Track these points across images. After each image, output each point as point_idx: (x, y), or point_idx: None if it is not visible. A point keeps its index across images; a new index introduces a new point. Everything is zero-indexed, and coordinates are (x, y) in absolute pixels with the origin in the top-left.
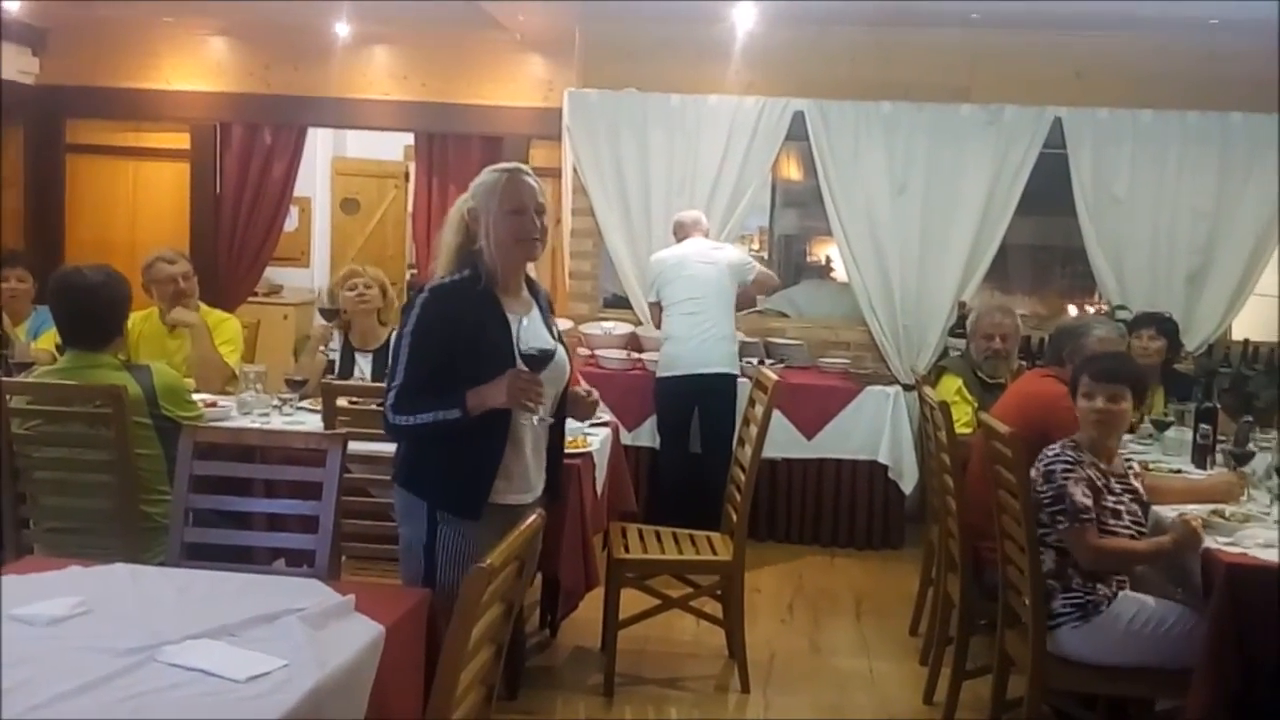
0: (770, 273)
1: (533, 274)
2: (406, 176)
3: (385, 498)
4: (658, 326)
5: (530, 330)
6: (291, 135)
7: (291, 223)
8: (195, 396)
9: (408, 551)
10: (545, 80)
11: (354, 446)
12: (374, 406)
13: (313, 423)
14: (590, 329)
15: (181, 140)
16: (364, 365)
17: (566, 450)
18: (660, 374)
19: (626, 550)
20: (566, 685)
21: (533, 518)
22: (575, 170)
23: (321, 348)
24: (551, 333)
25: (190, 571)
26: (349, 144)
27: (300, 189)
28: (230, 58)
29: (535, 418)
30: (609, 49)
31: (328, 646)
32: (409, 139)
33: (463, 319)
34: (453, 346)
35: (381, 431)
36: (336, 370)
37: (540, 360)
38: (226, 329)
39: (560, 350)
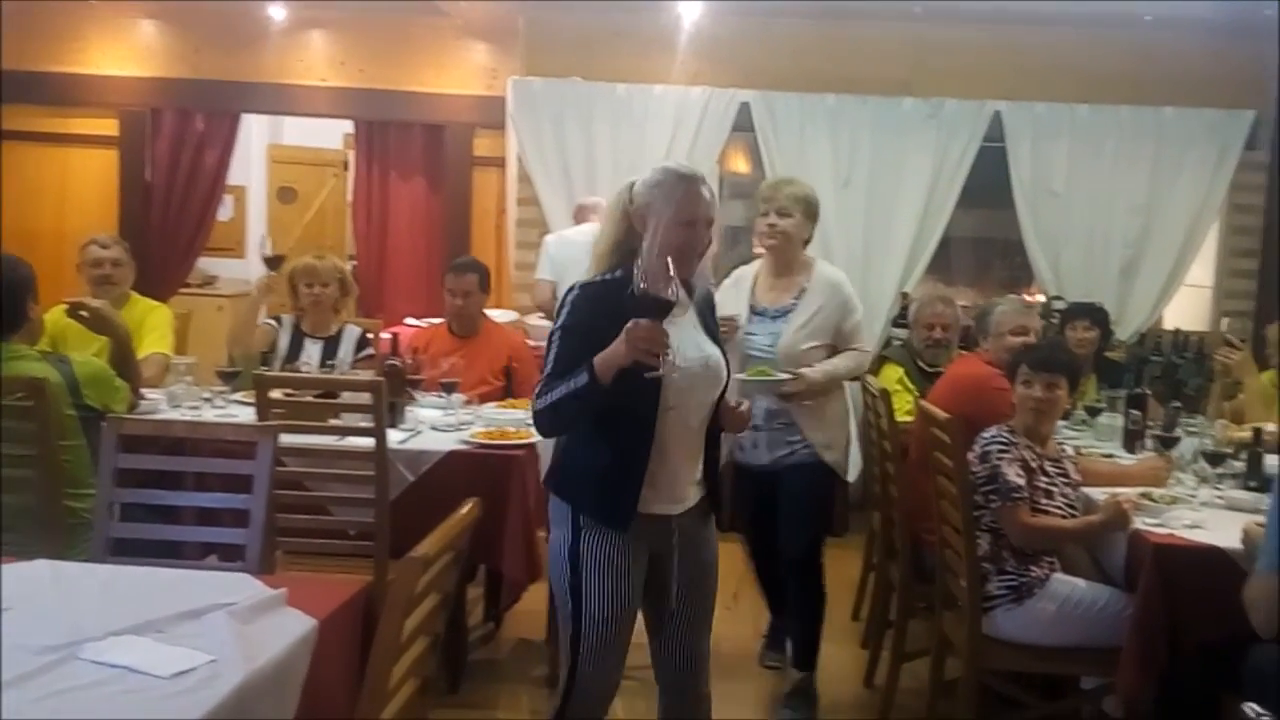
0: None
1: (709, 273)
2: (346, 165)
3: (322, 491)
4: (542, 305)
5: (678, 337)
6: (225, 122)
7: (226, 212)
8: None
9: (555, 555)
10: (489, 68)
11: (290, 439)
12: (309, 398)
13: (246, 416)
14: (534, 321)
15: (110, 126)
16: (314, 351)
17: (509, 440)
18: None
19: None
20: (510, 677)
21: (469, 506)
22: (519, 160)
23: (270, 321)
24: (713, 338)
25: (115, 567)
26: (286, 131)
27: (235, 177)
28: (160, 41)
29: (661, 371)
30: (553, 37)
31: (257, 642)
32: (348, 126)
33: (605, 318)
34: (596, 346)
35: (318, 424)
36: (284, 352)
37: (659, 304)
38: (156, 318)
39: (716, 355)
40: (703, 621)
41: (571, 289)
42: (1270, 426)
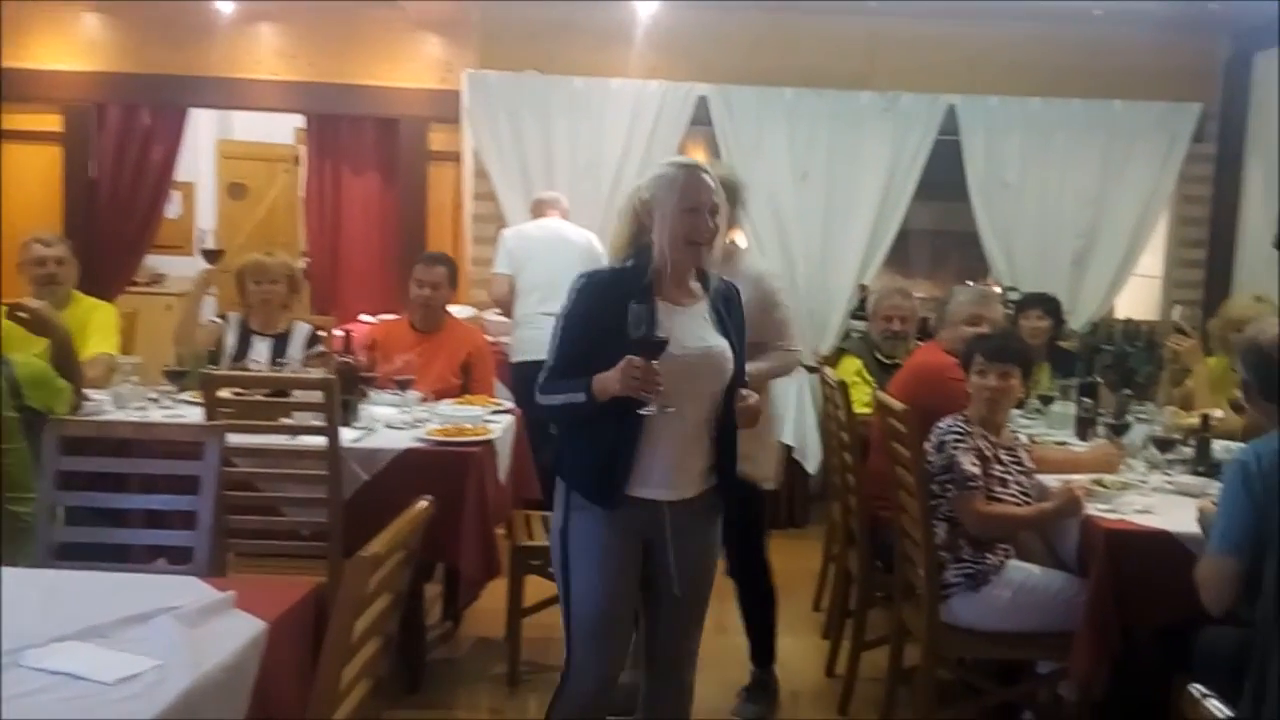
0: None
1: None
2: (297, 160)
3: (274, 491)
4: (499, 300)
5: (682, 326)
6: (172, 117)
7: (174, 209)
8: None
9: (552, 535)
10: (443, 61)
11: (240, 439)
12: (259, 397)
13: (195, 416)
14: (492, 317)
15: (54, 122)
16: (262, 349)
17: (465, 437)
18: (515, 359)
19: (530, 537)
20: (469, 676)
21: (421, 504)
22: (475, 154)
23: (216, 319)
24: (723, 330)
25: (58, 572)
26: (235, 126)
27: (183, 174)
28: (105, 35)
29: (651, 409)
30: (508, 30)
31: (204, 645)
32: (299, 121)
33: (611, 309)
34: (597, 335)
35: (269, 423)
36: (232, 350)
37: (652, 346)
38: (100, 317)
39: (720, 347)
40: (693, 613)
41: (580, 277)
42: (1218, 412)
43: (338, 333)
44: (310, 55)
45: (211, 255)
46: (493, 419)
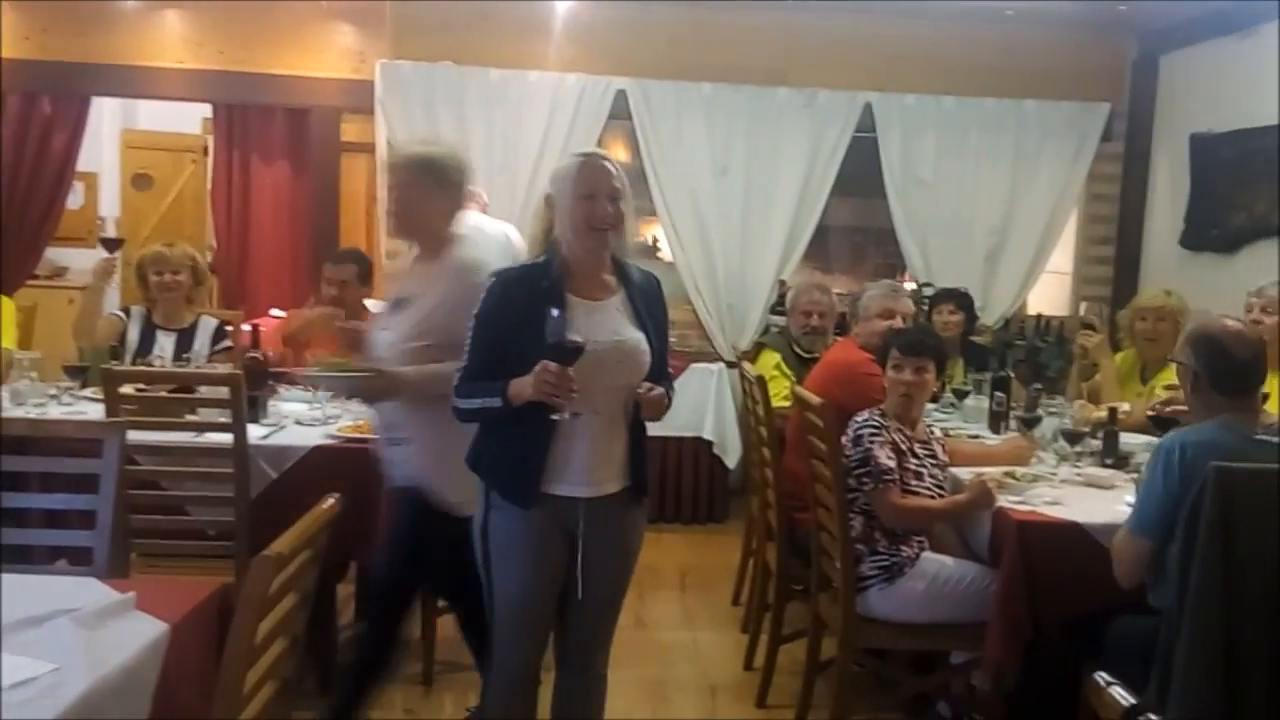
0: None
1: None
2: (205, 150)
3: (179, 490)
4: None
5: (594, 320)
6: (74, 105)
7: (76, 200)
8: None
9: (474, 532)
10: (356, 50)
11: (143, 436)
12: (163, 393)
13: (95, 413)
14: None
15: None
16: (166, 344)
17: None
18: None
19: None
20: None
21: (328, 502)
22: (390, 146)
23: (117, 312)
24: (639, 323)
25: None
26: (140, 115)
27: (86, 164)
28: (3, 20)
29: (564, 415)
30: (422, 20)
31: (103, 648)
32: (207, 110)
33: (520, 306)
34: (509, 334)
35: (173, 420)
36: (134, 345)
37: (566, 352)
38: None
39: (634, 340)
40: (608, 605)
41: (490, 277)
42: (1125, 405)
43: (245, 327)
44: (219, 43)
45: (111, 244)
46: None
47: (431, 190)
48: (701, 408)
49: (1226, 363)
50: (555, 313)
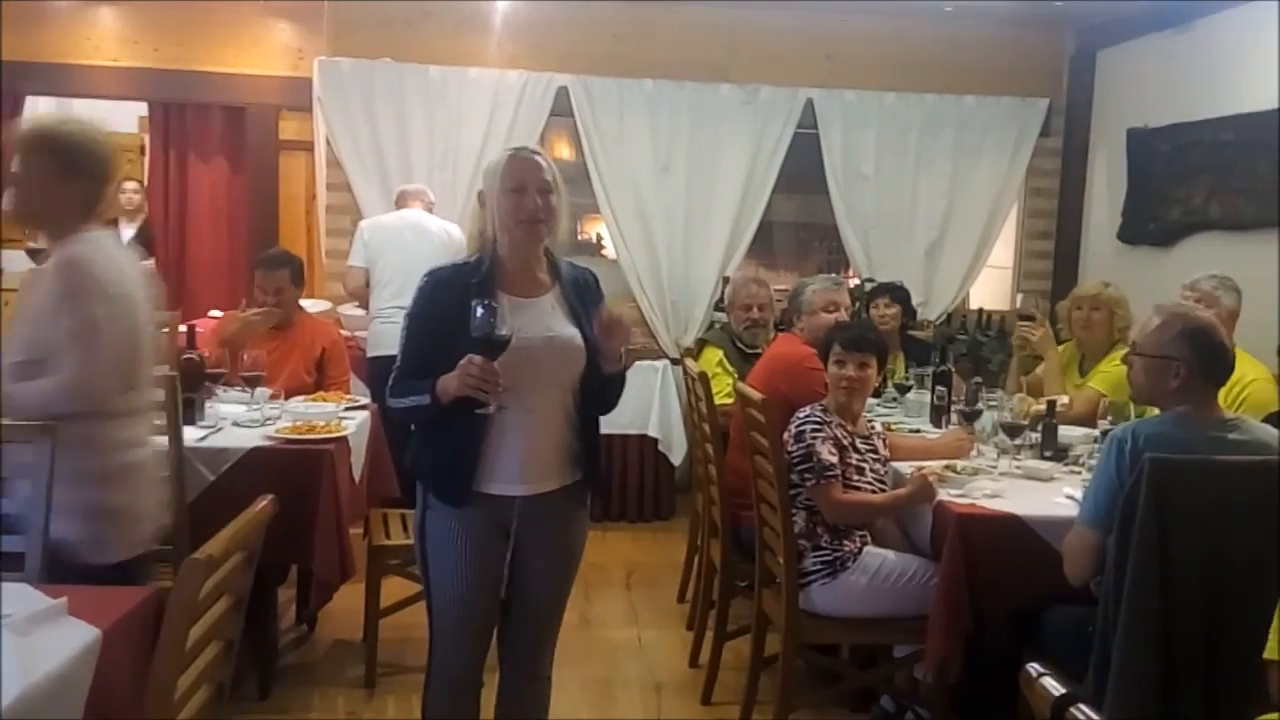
0: None
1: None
2: (142, 149)
3: None
4: (354, 293)
5: (525, 317)
6: (6, 104)
7: (9, 201)
8: None
9: (415, 531)
10: (294, 47)
11: None
12: None
13: None
14: (349, 310)
15: None
16: None
17: (318, 434)
18: (371, 354)
19: (388, 536)
20: (324, 680)
21: (262, 504)
22: (329, 143)
23: None
24: (574, 319)
25: None
26: (75, 114)
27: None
28: None
29: (490, 409)
30: (361, 17)
31: (34, 654)
32: (143, 109)
33: (450, 304)
34: (440, 334)
35: None
36: None
37: (492, 345)
38: None
39: (566, 336)
40: (551, 606)
41: (423, 276)
42: (1063, 399)
43: (181, 328)
44: (154, 40)
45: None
46: (347, 416)
47: (59, 175)
48: (646, 405)
49: (1222, 354)
50: (480, 307)
